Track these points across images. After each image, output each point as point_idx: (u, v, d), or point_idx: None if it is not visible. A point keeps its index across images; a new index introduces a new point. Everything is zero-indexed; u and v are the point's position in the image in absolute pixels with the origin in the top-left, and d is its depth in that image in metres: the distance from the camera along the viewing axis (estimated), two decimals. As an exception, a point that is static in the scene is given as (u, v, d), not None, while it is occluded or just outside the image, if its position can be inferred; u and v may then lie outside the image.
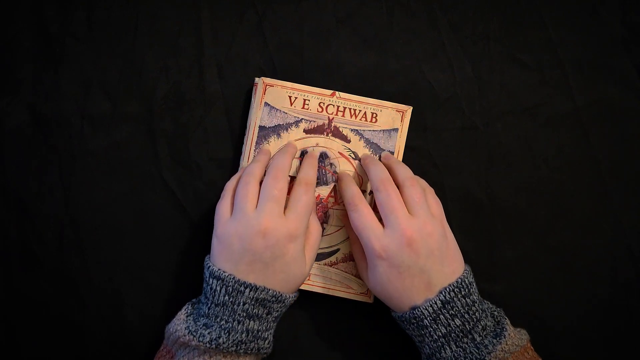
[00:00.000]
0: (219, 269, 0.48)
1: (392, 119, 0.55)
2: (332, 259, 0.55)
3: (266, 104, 0.54)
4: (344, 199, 0.51)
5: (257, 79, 0.54)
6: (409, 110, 0.55)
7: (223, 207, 0.50)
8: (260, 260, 0.47)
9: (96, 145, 0.56)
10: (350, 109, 0.54)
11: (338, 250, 0.55)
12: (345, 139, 0.55)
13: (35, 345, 0.56)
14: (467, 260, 0.56)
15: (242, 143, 0.55)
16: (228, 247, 0.48)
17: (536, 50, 0.56)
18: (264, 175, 0.51)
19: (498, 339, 0.46)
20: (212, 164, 0.56)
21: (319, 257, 0.54)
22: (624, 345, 0.56)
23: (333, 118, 0.54)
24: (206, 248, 0.56)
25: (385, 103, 0.54)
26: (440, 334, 0.47)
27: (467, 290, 0.47)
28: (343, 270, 0.55)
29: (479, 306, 0.48)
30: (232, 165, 0.56)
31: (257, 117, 0.54)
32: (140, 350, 0.56)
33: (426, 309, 0.47)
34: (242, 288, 0.47)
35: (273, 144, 0.54)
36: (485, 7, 0.56)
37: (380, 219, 0.49)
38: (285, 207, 0.49)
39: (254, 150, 0.54)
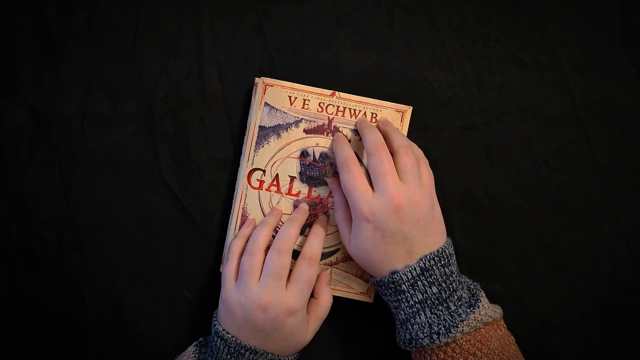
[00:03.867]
0: (223, 330, 0.50)
1: (392, 119, 0.55)
2: (332, 258, 0.55)
3: (266, 104, 0.54)
4: (337, 160, 0.51)
5: (257, 79, 0.54)
6: (409, 110, 0.55)
7: (228, 272, 0.52)
8: (261, 330, 0.49)
9: (96, 145, 0.56)
10: (350, 109, 0.54)
11: (338, 250, 0.55)
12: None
13: (35, 345, 0.56)
14: (467, 259, 0.56)
15: (242, 143, 0.55)
16: (232, 314, 0.50)
17: (536, 50, 0.56)
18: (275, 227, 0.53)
19: (472, 308, 0.47)
20: (212, 164, 0.56)
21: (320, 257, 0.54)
22: (623, 345, 0.56)
23: (333, 118, 0.54)
24: (206, 248, 0.56)
25: (385, 103, 0.54)
26: (417, 300, 0.48)
27: (446, 260, 0.48)
28: (343, 270, 0.55)
29: (456, 277, 0.49)
30: (232, 166, 0.56)
31: (257, 117, 0.54)
32: (140, 350, 0.56)
33: (405, 274, 0.47)
34: (243, 350, 0.49)
35: (273, 144, 0.54)
36: (485, 7, 0.56)
37: (371, 184, 0.49)
38: (288, 279, 0.51)
39: (254, 150, 0.54)
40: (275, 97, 0.54)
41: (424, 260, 0.47)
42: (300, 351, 0.53)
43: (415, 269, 0.47)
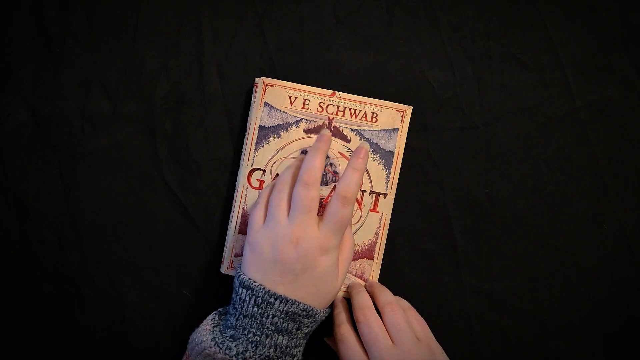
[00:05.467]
0: (249, 279, 0.46)
1: (392, 118, 0.55)
2: (332, 258, 0.55)
3: (266, 104, 0.54)
4: (333, 326, 0.51)
5: (257, 79, 0.54)
6: (409, 110, 0.55)
7: (256, 215, 0.49)
8: (291, 271, 0.46)
9: (96, 145, 0.56)
10: (350, 109, 0.54)
11: (338, 250, 0.55)
12: (345, 139, 0.55)
13: (35, 345, 0.56)
14: (467, 259, 0.56)
15: (242, 143, 0.55)
16: (259, 256, 0.46)
17: (536, 50, 0.56)
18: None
19: None
20: (212, 164, 0.56)
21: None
22: (623, 345, 0.56)
23: (333, 118, 0.54)
24: (206, 248, 0.56)
25: (385, 103, 0.55)
26: None
27: None
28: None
29: None
30: (232, 165, 0.56)
31: (257, 117, 0.54)
32: (140, 350, 0.56)
33: None
34: (272, 299, 0.45)
35: (273, 144, 0.54)
36: (485, 7, 0.56)
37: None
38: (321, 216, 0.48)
39: (254, 150, 0.54)
40: (275, 97, 0.54)
41: None
42: (330, 305, 0.50)
43: None
